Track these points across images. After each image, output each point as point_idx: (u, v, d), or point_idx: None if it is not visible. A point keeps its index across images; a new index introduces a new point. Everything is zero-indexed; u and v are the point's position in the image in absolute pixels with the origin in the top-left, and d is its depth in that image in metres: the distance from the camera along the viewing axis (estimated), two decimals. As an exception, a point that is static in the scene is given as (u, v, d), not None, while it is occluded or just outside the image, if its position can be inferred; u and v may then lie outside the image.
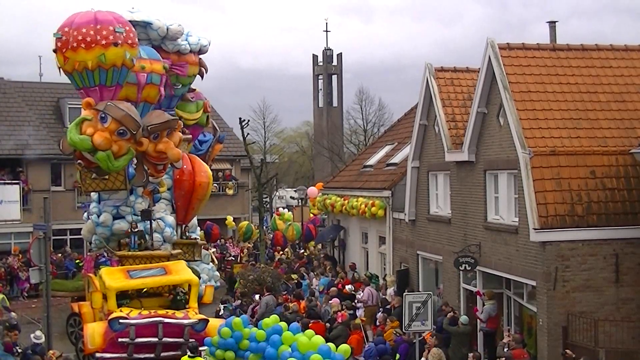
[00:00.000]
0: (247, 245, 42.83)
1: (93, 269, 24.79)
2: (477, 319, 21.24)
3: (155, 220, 21.96)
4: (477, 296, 21.78)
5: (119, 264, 20.85)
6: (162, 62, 21.29)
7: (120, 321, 17.33)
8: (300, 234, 40.85)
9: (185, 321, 17.70)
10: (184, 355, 16.53)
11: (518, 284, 20.22)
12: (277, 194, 73.54)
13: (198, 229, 29.03)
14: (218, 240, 42.49)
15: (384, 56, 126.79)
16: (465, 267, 21.70)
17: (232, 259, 38.83)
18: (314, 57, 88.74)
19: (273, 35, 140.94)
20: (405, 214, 27.09)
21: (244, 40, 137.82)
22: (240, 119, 36.55)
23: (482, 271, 21.61)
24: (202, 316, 18.23)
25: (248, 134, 37.92)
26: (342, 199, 33.22)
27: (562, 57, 21.38)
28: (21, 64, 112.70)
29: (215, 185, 45.18)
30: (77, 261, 36.63)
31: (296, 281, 29.86)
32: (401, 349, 20.03)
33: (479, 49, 21.05)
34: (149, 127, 19.32)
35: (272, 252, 40.61)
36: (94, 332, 17.74)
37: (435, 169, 25.13)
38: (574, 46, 21.81)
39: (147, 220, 21.47)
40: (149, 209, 22.00)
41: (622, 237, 18.54)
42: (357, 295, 25.86)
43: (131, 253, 21.03)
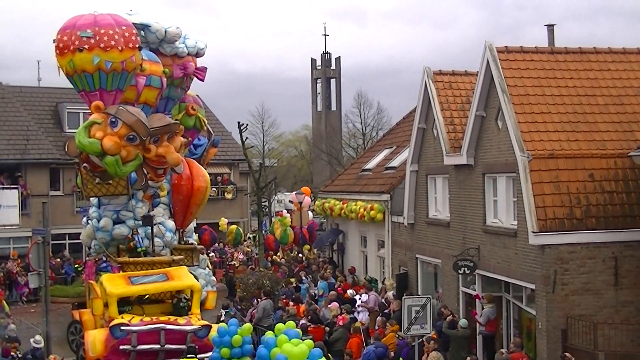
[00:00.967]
0: (247, 249, 42.81)
1: (94, 275, 24.73)
2: (476, 323, 21.22)
3: (156, 224, 21.85)
4: (476, 299, 21.78)
5: (120, 270, 20.70)
6: (160, 64, 21.21)
7: (122, 328, 17.12)
8: (291, 239, 40.91)
9: (188, 327, 17.49)
10: None
11: (517, 287, 20.21)
12: (276, 198, 73.55)
13: (194, 234, 28.92)
14: (217, 244, 42.45)
15: (379, 60, 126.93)
16: (464, 270, 21.70)
17: (233, 263, 38.77)
18: (313, 60, 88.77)
19: (267, 40, 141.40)
20: (404, 218, 27.10)
21: (238, 45, 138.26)
22: (239, 123, 36.55)
23: (481, 274, 21.61)
24: (205, 322, 18.05)
25: (247, 138, 37.91)
26: (341, 202, 33.24)
27: (560, 60, 21.40)
28: (18, 68, 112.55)
29: (214, 189, 45.21)
30: (76, 266, 36.56)
31: (295, 285, 29.85)
32: (403, 353, 20.03)
33: (474, 52, 21.28)
34: (150, 132, 19.23)
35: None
36: (95, 339, 17.53)
37: (434, 172, 25.14)
38: (572, 49, 21.83)
39: (148, 226, 21.35)
40: (150, 214, 21.91)
41: (621, 240, 18.54)
42: (357, 300, 25.85)
43: (132, 259, 20.84)
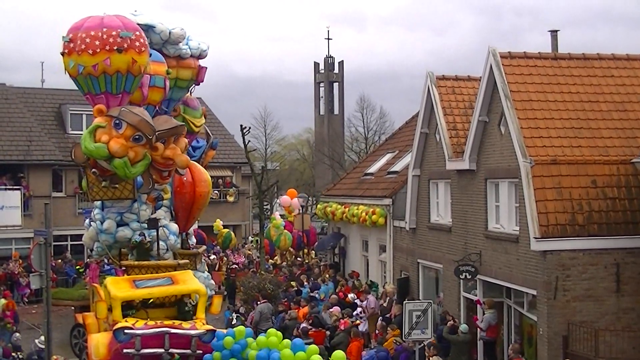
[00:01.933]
0: (249, 252, 42.79)
1: (98, 278, 24.70)
2: (477, 328, 21.20)
3: (160, 227, 21.72)
4: (478, 305, 21.75)
5: (124, 273, 20.58)
6: (164, 64, 21.16)
7: (126, 331, 16.92)
8: (284, 242, 40.89)
9: (193, 332, 17.28)
10: None
11: (518, 293, 20.19)
12: (278, 201, 73.51)
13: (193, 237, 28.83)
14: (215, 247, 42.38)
15: (379, 64, 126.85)
16: (466, 275, 21.68)
17: (235, 266, 38.73)
18: (316, 64, 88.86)
19: (266, 44, 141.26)
20: (406, 222, 27.08)
21: (237, 48, 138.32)
22: (241, 126, 36.57)
23: (483, 280, 21.59)
24: (210, 327, 17.89)
25: (249, 141, 37.92)
26: (343, 206, 33.22)
27: (563, 66, 21.41)
28: (18, 70, 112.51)
29: (216, 192, 45.18)
30: (78, 267, 36.62)
31: (296, 289, 29.83)
32: (402, 358, 20.00)
33: (473, 58, 21.33)
34: (156, 133, 19.13)
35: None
36: (98, 342, 17.38)
37: (436, 177, 25.13)
38: (576, 55, 21.84)
39: (153, 229, 21.22)
40: (156, 217, 21.79)
41: (623, 247, 18.53)
42: (358, 305, 25.84)
43: (137, 262, 20.70)
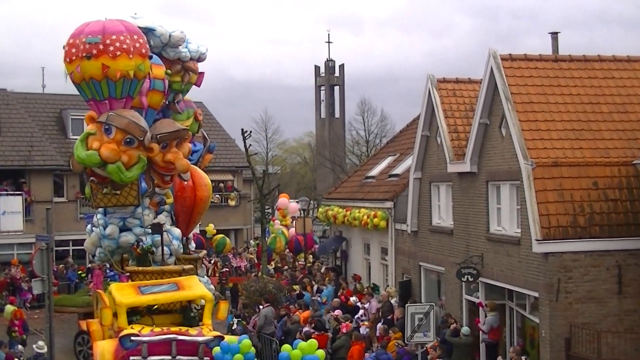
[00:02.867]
0: (250, 256, 42.77)
1: (102, 284, 24.56)
2: (480, 331, 21.19)
3: (164, 232, 21.58)
4: (480, 307, 21.74)
5: (128, 279, 20.35)
6: (163, 67, 21.07)
7: (132, 338, 16.63)
8: (279, 245, 40.90)
9: (200, 338, 17.00)
10: None
11: (520, 295, 20.18)
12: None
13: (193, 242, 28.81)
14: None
15: (376, 67, 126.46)
16: (468, 278, 21.67)
17: (226, 270, 38.58)
18: (316, 68, 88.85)
19: (263, 47, 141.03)
20: (408, 225, 27.07)
21: (234, 52, 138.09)
22: (242, 130, 36.51)
23: (485, 282, 21.58)
24: (217, 333, 17.59)
25: (250, 145, 37.89)
26: (344, 210, 33.23)
27: (564, 68, 21.41)
28: (16, 75, 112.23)
29: (218, 196, 45.20)
30: (80, 272, 36.58)
31: (298, 292, 29.82)
32: (404, 361, 20.00)
33: (470, 60, 21.32)
34: (158, 136, 18.83)
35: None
36: (104, 350, 17.13)
37: (437, 180, 25.13)
38: (576, 57, 21.84)
39: (157, 234, 21.02)
40: (159, 222, 21.64)
41: (625, 249, 18.51)
42: (360, 307, 25.82)
43: (141, 268, 20.44)
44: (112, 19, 19.11)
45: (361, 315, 25.35)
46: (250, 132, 38.48)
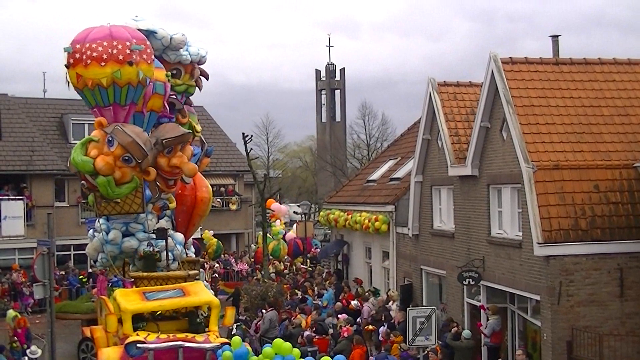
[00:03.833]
0: (251, 261, 42.75)
1: (106, 290, 24.47)
2: (481, 334, 21.16)
3: (169, 237, 21.46)
4: (481, 311, 21.72)
5: (132, 285, 20.14)
6: (164, 70, 21.02)
7: (138, 345, 16.29)
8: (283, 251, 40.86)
9: (207, 345, 16.70)
10: None
11: (522, 299, 20.15)
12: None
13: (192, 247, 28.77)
14: (222, 256, 42.35)
15: (374, 71, 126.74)
16: (469, 281, 21.65)
17: (215, 275, 38.51)
18: (317, 72, 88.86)
19: (261, 52, 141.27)
20: (409, 229, 27.06)
21: (233, 57, 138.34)
22: (243, 134, 36.56)
23: (486, 286, 21.56)
24: (224, 339, 17.32)
25: (251, 149, 37.92)
26: (346, 213, 33.23)
27: (565, 71, 21.42)
28: (19, 80, 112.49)
29: (219, 200, 45.15)
30: (81, 277, 36.56)
31: (300, 297, 29.78)
32: (406, 365, 19.98)
33: (468, 64, 21.24)
34: (163, 141, 18.72)
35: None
36: (109, 357, 16.85)
37: (438, 183, 25.12)
38: (577, 60, 21.85)
39: (162, 239, 20.86)
40: (164, 227, 21.53)
41: (626, 251, 18.50)
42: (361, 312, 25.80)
43: (146, 274, 20.24)
44: (116, 25, 19.05)
45: (360, 319, 25.29)
46: (252, 136, 38.54)
